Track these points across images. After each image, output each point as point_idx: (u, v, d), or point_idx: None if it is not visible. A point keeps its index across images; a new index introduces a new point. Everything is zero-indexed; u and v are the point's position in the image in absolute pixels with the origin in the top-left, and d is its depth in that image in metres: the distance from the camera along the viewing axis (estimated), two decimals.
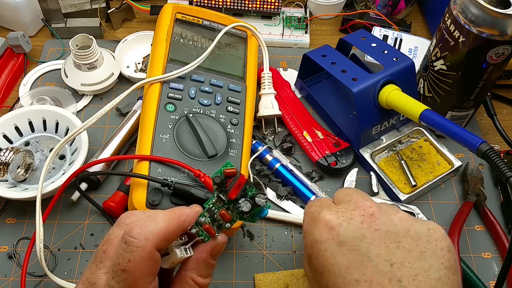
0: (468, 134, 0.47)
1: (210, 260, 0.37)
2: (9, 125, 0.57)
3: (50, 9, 0.71)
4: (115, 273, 0.32)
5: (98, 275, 0.34)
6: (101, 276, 0.34)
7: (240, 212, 0.37)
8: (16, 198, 0.52)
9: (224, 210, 0.37)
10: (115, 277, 0.32)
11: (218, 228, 0.37)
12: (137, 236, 0.32)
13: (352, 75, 0.56)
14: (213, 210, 0.37)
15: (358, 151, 0.59)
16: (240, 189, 0.37)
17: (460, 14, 0.51)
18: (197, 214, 0.37)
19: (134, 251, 0.32)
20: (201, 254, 0.37)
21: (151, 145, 0.50)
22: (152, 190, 0.47)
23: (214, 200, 0.38)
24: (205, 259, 0.37)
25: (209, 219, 0.37)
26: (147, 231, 0.33)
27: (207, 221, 0.37)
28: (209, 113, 0.54)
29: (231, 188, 0.37)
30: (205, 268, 0.37)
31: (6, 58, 0.68)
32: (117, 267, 0.32)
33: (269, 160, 0.58)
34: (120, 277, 0.32)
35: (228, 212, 0.37)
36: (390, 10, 0.76)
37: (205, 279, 0.37)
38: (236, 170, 0.37)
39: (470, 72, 0.54)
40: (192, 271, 0.36)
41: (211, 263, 0.37)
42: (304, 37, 0.74)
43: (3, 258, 0.52)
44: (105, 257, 0.35)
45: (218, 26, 0.63)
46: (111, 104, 0.53)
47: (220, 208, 0.37)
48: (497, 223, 0.55)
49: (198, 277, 0.36)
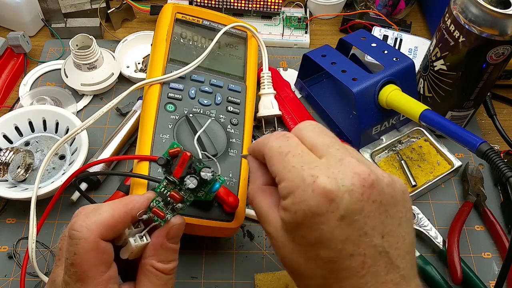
0: (468, 134, 0.47)
1: (168, 245, 0.36)
2: (9, 125, 0.57)
3: (50, 9, 0.71)
4: (66, 268, 0.33)
5: (58, 272, 0.35)
6: (59, 272, 0.35)
7: (190, 190, 0.36)
8: (16, 198, 0.52)
9: (175, 191, 0.36)
10: (67, 271, 0.33)
11: (172, 211, 0.36)
12: (78, 228, 0.32)
13: (352, 75, 0.56)
14: (164, 193, 0.36)
15: (358, 151, 0.59)
16: (184, 166, 0.35)
17: (460, 14, 0.51)
18: (148, 200, 0.37)
19: (78, 244, 0.32)
20: (157, 239, 0.36)
21: (151, 145, 0.50)
22: (152, 190, 0.47)
23: (165, 183, 0.37)
24: (162, 244, 0.36)
25: (162, 203, 0.36)
26: (89, 222, 0.33)
27: (160, 205, 0.36)
28: (209, 113, 0.54)
29: (175, 166, 0.36)
30: (164, 253, 0.36)
31: (6, 58, 0.68)
32: (66, 262, 0.33)
33: None
34: (70, 271, 0.32)
35: (181, 193, 0.36)
36: (390, 10, 0.76)
37: (167, 264, 0.36)
38: (181, 149, 0.36)
39: (470, 72, 0.54)
40: (150, 258, 0.36)
41: (170, 247, 0.36)
42: (304, 37, 0.74)
43: (3, 258, 0.52)
44: (61, 254, 0.35)
45: (218, 26, 0.63)
46: (111, 104, 0.53)
47: (170, 190, 0.36)
48: (497, 223, 0.55)
49: (158, 263, 0.35)
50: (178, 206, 0.36)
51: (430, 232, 0.54)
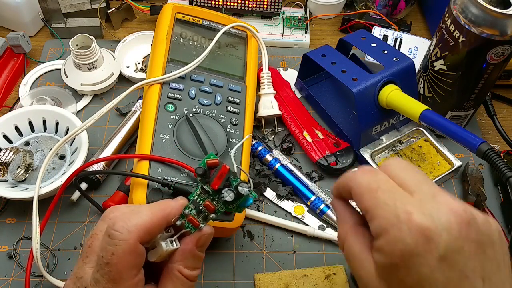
0: (468, 134, 0.47)
1: (196, 252, 0.37)
2: (9, 125, 0.57)
3: (50, 9, 0.71)
4: (99, 266, 0.33)
5: (85, 269, 0.35)
6: (87, 270, 0.35)
7: (224, 202, 0.37)
8: (16, 198, 0.52)
9: (209, 201, 0.37)
10: (100, 270, 0.33)
11: (204, 219, 0.37)
12: (120, 229, 0.33)
13: (352, 75, 0.56)
14: (198, 201, 0.37)
15: (358, 151, 0.59)
16: (222, 179, 0.36)
17: (460, 14, 0.51)
18: (182, 206, 0.37)
19: (117, 244, 0.32)
20: (187, 245, 0.36)
21: (151, 145, 0.50)
22: (152, 190, 0.47)
23: (199, 192, 0.37)
24: (191, 251, 0.36)
25: (194, 211, 0.37)
26: (130, 224, 0.33)
27: (192, 213, 0.37)
28: (209, 113, 0.54)
29: (213, 178, 0.36)
30: (191, 259, 0.36)
31: (6, 58, 0.68)
32: (101, 260, 0.33)
33: (269, 160, 0.58)
34: (104, 270, 0.32)
35: (213, 203, 0.37)
36: (390, 10, 0.76)
37: (192, 271, 0.36)
38: (219, 161, 0.37)
39: (470, 72, 0.54)
40: (178, 263, 0.36)
41: (198, 255, 0.37)
42: (304, 37, 0.74)
43: (3, 258, 0.52)
44: (90, 252, 0.35)
45: (218, 26, 0.63)
46: (111, 104, 0.53)
47: (204, 200, 0.37)
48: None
49: (185, 269, 0.36)
50: (212, 216, 0.37)
51: None
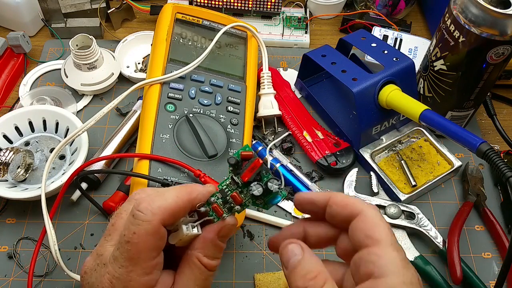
0: (468, 134, 0.47)
1: (217, 241, 0.36)
2: (9, 125, 0.57)
3: (50, 9, 0.71)
4: (120, 244, 0.33)
5: (106, 247, 0.35)
6: (108, 248, 0.35)
7: (252, 196, 0.36)
8: (16, 198, 0.52)
9: (236, 192, 0.36)
10: (120, 248, 0.33)
11: (229, 210, 0.36)
12: (144, 210, 0.32)
13: (352, 75, 0.56)
14: (226, 191, 0.37)
15: (358, 151, 0.59)
16: (253, 172, 0.35)
17: (460, 14, 0.51)
18: (209, 193, 0.36)
19: (140, 224, 0.32)
20: (209, 234, 0.36)
21: (151, 145, 0.50)
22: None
23: (228, 182, 0.37)
24: (212, 240, 0.36)
25: (220, 200, 0.36)
26: (154, 206, 0.33)
27: (218, 202, 0.36)
28: (209, 113, 0.54)
29: (244, 170, 0.35)
30: (212, 249, 0.36)
31: (6, 58, 0.68)
32: (122, 238, 0.32)
33: (269, 160, 0.58)
34: (124, 248, 0.32)
35: (241, 195, 0.36)
36: (390, 10, 0.76)
37: (212, 261, 0.36)
38: (253, 153, 0.36)
39: (470, 72, 0.54)
40: (198, 250, 0.36)
41: (219, 244, 0.36)
42: (304, 37, 0.74)
43: (3, 258, 0.52)
44: (113, 230, 0.35)
45: (218, 26, 0.63)
46: (112, 105, 0.53)
47: (232, 190, 0.36)
48: (497, 223, 0.55)
49: (204, 257, 0.35)
50: (237, 208, 0.36)
51: (430, 232, 0.54)
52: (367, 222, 0.33)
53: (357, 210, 0.34)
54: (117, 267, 0.32)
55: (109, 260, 0.33)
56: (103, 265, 0.34)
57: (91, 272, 0.35)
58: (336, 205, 0.35)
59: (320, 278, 0.31)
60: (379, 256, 0.31)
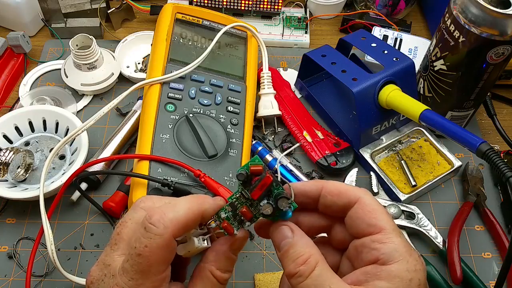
0: (468, 134, 0.47)
1: (230, 254, 0.36)
2: (9, 125, 0.57)
3: (50, 9, 0.71)
4: (130, 256, 0.32)
5: (113, 257, 0.34)
6: (115, 258, 0.34)
7: (262, 214, 0.35)
8: (16, 198, 0.52)
9: (246, 207, 0.35)
10: (130, 260, 0.32)
11: (239, 223, 0.36)
12: (156, 223, 0.32)
13: (352, 75, 0.56)
14: (236, 205, 0.36)
15: (358, 151, 0.59)
16: (263, 190, 0.34)
17: (460, 14, 0.51)
18: (219, 207, 0.36)
19: (152, 238, 0.32)
20: (222, 246, 0.36)
21: (151, 145, 0.50)
22: (152, 190, 0.47)
23: (238, 196, 0.36)
24: (225, 253, 0.36)
25: (230, 213, 0.36)
26: (166, 219, 0.32)
27: (228, 215, 0.36)
28: (209, 113, 0.54)
29: (254, 188, 0.34)
30: (224, 261, 0.36)
31: (6, 58, 0.68)
32: (133, 250, 0.32)
33: (269, 160, 0.58)
34: (134, 261, 0.32)
35: (251, 209, 0.35)
36: (390, 10, 0.76)
37: (224, 274, 0.36)
38: (263, 168, 0.34)
39: (470, 72, 0.54)
40: (211, 263, 0.35)
41: (231, 257, 0.36)
42: (304, 37, 0.74)
43: (3, 258, 0.52)
44: (119, 239, 0.35)
45: (218, 26, 0.63)
46: (111, 104, 0.53)
47: (242, 204, 0.35)
48: (497, 223, 0.55)
49: (217, 270, 0.35)
50: (248, 224, 0.36)
51: (430, 232, 0.54)
52: (367, 210, 0.33)
53: (354, 198, 0.34)
54: (127, 279, 0.32)
55: (118, 272, 0.33)
56: (112, 276, 0.33)
57: (98, 283, 0.34)
58: (330, 194, 0.35)
59: (311, 261, 0.32)
60: (383, 243, 0.31)
